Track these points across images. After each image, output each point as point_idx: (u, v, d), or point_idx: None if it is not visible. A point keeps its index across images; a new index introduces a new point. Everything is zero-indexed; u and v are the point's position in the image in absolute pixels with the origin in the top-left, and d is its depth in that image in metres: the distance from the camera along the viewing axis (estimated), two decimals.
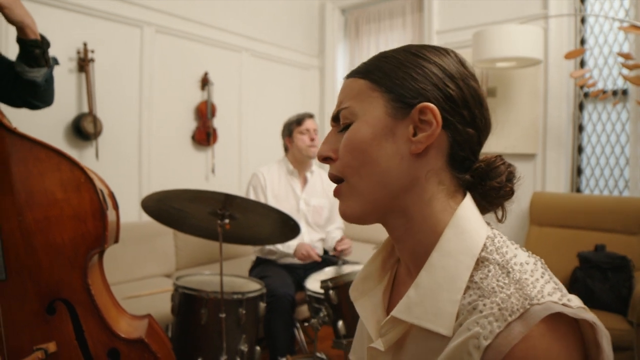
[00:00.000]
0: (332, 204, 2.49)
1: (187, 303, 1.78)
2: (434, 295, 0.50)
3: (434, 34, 3.36)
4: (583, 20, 2.90)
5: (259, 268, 2.29)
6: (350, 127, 0.56)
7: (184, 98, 3.06)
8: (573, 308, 0.43)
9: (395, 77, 0.55)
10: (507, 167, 0.56)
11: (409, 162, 0.54)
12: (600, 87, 2.80)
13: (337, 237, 2.44)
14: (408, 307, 0.51)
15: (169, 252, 2.81)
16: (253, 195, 2.35)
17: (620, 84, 2.76)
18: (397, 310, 0.52)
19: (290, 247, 2.23)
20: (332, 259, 2.30)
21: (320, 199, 2.45)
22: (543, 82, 2.93)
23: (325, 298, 1.66)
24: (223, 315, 1.66)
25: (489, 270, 0.49)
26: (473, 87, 0.56)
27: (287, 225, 1.77)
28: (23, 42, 1.27)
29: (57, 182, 1.13)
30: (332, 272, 2.10)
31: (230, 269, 2.45)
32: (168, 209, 1.74)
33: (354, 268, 2.12)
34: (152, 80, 2.85)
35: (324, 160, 0.60)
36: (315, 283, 1.89)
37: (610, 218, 2.50)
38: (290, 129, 2.35)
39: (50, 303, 1.13)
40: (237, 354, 1.76)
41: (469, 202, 0.55)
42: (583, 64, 2.88)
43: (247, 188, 2.42)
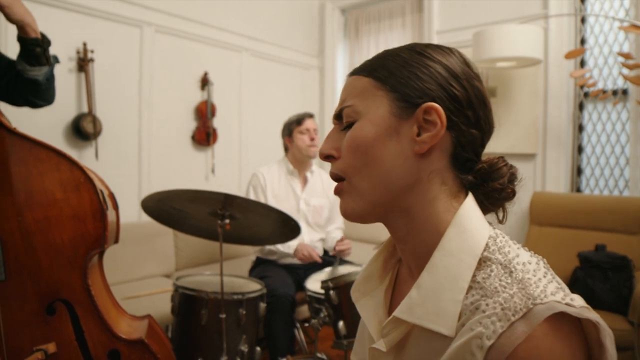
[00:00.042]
0: (332, 204, 2.49)
1: (187, 303, 1.78)
2: (436, 295, 0.50)
3: (434, 34, 3.36)
4: (583, 20, 2.90)
5: (259, 268, 2.29)
6: (354, 125, 0.56)
7: (184, 98, 3.06)
8: (576, 307, 0.43)
9: (400, 76, 0.54)
10: (509, 168, 0.56)
11: (413, 162, 0.53)
12: (600, 86, 2.80)
13: (337, 237, 2.44)
14: (410, 307, 0.51)
15: (169, 252, 2.81)
16: (253, 196, 2.35)
17: (620, 84, 2.76)
18: (399, 311, 0.52)
19: (291, 247, 2.22)
20: (332, 260, 2.30)
21: (321, 199, 2.45)
22: (543, 81, 2.93)
23: (326, 298, 1.66)
24: (223, 316, 1.66)
25: (492, 270, 0.49)
26: (477, 87, 0.56)
27: (287, 225, 1.77)
28: (24, 40, 1.26)
29: (56, 182, 1.13)
30: (332, 272, 2.10)
31: (230, 269, 2.45)
32: (168, 209, 1.74)
33: (352, 268, 2.12)
34: (151, 80, 2.84)
35: (326, 159, 0.59)
36: (316, 283, 1.89)
37: (611, 218, 2.50)
38: (290, 129, 2.35)
39: (50, 304, 1.12)
40: (237, 355, 1.75)
41: (471, 201, 0.54)
42: (583, 64, 2.88)
43: (247, 188, 2.42)
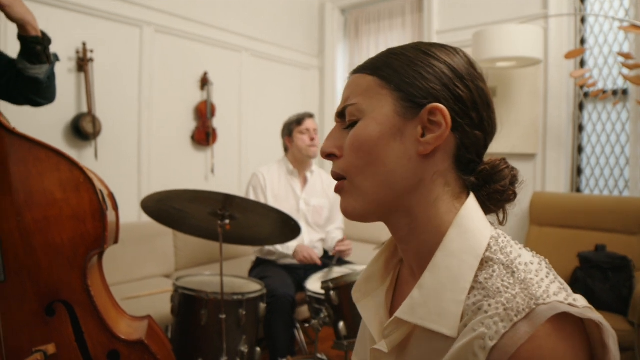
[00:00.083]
0: (332, 204, 2.49)
1: (187, 304, 1.78)
2: (438, 296, 0.49)
3: (434, 34, 3.36)
4: (583, 20, 2.90)
5: (259, 268, 2.29)
6: (357, 124, 0.55)
7: (184, 98, 3.05)
8: (579, 308, 0.43)
9: (406, 75, 0.54)
10: (510, 170, 0.56)
11: (416, 163, 0.53)
12: (600, 87, 2.80)
13: (337, 237, 2.43)
14: (412, 307, 0.51)
15: (169, 252, 2.80)
16: (253, 196, 2.34)
17: (620, 84, 2.76)
18: (400, 311, 0.52)
19: (290, 248, 2.22)
20: (331, 260, 2.29)
21: (321, 199, 2.45)
22: (543, 81, 2.93)
23: (326, 299, 1.66)
24: (223, 316, 1.65)
25: (494, 271, 0.48)
26: (482, 88, 0.55)
27: (287, 226, 1.77)
28: (24, 39, 1.26)
29: (56, 182, 1.13)
30: (328, 272, 2.10)
31: (230, 270, 2.44)
32: (168, 210, 1.74)
33: (349, 269, 2.12)
34: (151, 80, 2.84)
35: (327, 157, 0.58)
36: (316, 284, 1.88)
37: (611, 218, 2.50)
38: (290, 129, 2.35)
39: (50, 304, 1.12)
40: (237, 355, 1.75)
41: (473, 202, 0.54)
42: (583, 64, 2.88)
43: (246, 188, 2.41)
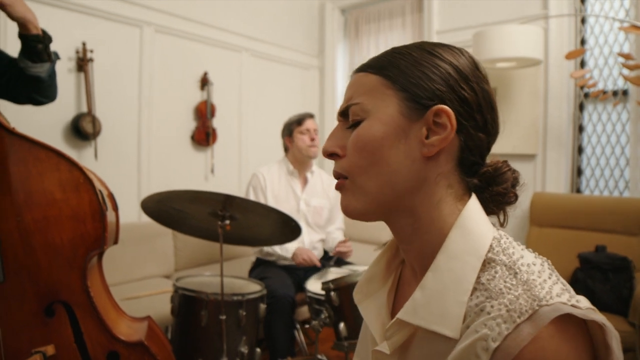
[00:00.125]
0: (332, 205, 2.48)
1: (187, 304, 1.77)
2: (440, 297, 0.49)
3: (434, 34, 3.36)
4: (583, 21, 2.90)
5: (259, 269, 2.28)
6: (361, 124, 0.54)
7: (184, 98, 3.05)
8: (582, 309, 0.43)
9: (411, 75, 0.53)
10: (512, 173, 0.56)
11: (420, 164, 0.53)
12: (601, 87, 2.79)
13: (338, 237, 2.43)
14: (414, 309, 0.51)
15: (168, 252, 2.80)
16: (253, 196, 2.34)
17: (621, 85, 2.76)
18: (402, 313, 0.52)
19: (289, 251, 2.21)
20: (329, 262, 2.29)
21: (321, 200, 2.44)
22: (543, 82, 2.93)
23: (327, 299, 1.66)
24: (223, 317, 1.65)
25: (496, 272, 0.48)
26: (486, 90, 0.55)
27: (287, 226, 1.76)
28: (25, 37, 1.26)
29: (55, 182, 1.12)
30: (332, 273, 2.09)
31: (230, 270, 2.44)
32: (168, 210, 1.73)
33: (347, 270, 2.12)
34: (151, 80, 2.84)
35: (329, 157, 0.58)
36: (316, 284, 1.88)
37: (611, 219, 2.49)
38: (291, 129, 2.34)
39: (49, 305, 1.12)
40: (237, 356, 1.75)
41: (475, 203, 0.54)
42: (583, 64, 2.88)
43: (246, 188, 2.41)
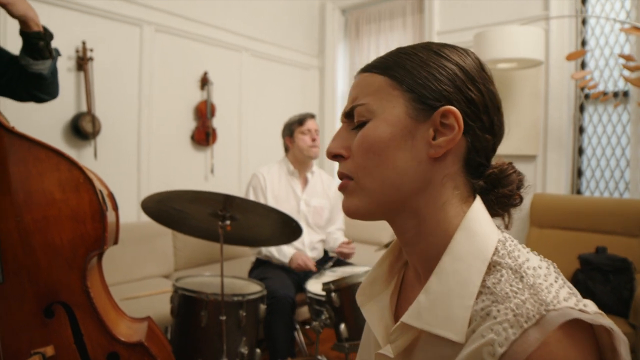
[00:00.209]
0: (332, 205, 2.48)
1: (186, 305, 1.77)
2: (445, 301, 0.49)
3: (435, 35, 3.36)
4: (584, 22, 2.89)
5: (259, 269, 2.28)
6: (367, 125, 0.54)
7: (184, 98, 3.04)
8: (590, 314, 0.42)
9: (418, 76, 0.53)
10: (517, 175, 0.55)
11: (426, 165, 0.52)
12: (601, 88, 2.79)
13: (339, 238, 2.43)
14: (418, 312, 0.50)
15: (168, 252, 2.79)
16: (252, 196, 2.33)
17: (621, 86, 2.75)
18: (407, 316, 0.51)
19: (287, 256, 2.20)
20: (325, 265, 2.28)
21: (321, 200, 2.44)
22: (544, 83, 2.92)
23: (327, 300, 1.65)
24: (223, 318, 1.64)
25: (502, 275, 0.48)
26: (492, 91, 0.55)
27: (288, 227, 1.76)
28: (26, 35, 1.26)
29: (55, 182, 1.12)
30: (333, 274, 2.09)
31: (230, 270, 2.43)
32: (168, 210, 1.73)
33: (345, 270, 2.11)
34: (151, 80, 2.83)
35: (334, 158, 0.57)
36: (317, 285, 1.88)
37: (611, 220, 2.49)
38: (292, 129, 2.33)
39: (49, 306, 1.11)
40: (237, 357, 1.74)
41: (479, 205, 0.54)
42: (584, 66, 2.88)
43: (246, 188, 2.40)
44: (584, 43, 2.89)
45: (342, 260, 2.36)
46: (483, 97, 0.53)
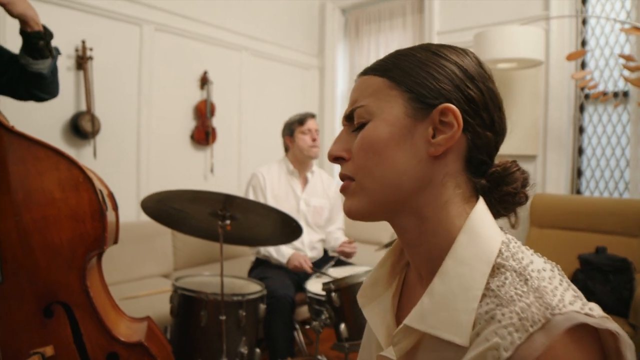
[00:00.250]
0: (332, 205, 2.48)
1: (186, 305, 1.76)
2: (449, 304, 0.48)
3: (435, 35, 3.35)
4: (584, 22, 2.89)
5: (259, 269, 2.27)
6: (367, 126, 0.54)
7: (183, 97, 3.04)
8: (596, 318, 0.42)
9: (416, 76, 0.53)
10: (522, 173, 0.55)
11: (426, 164, 0.52)
12: (601, 88, 2.79)
13: (340, 237, 2.42)
14: (422, 315, 0.50)
15: (167, 252, 2.79)
16: (252, 196, 2.33)
17: (621, 86, 2.75)
18: (410, 319, 0.51)
19: (285, 256, 2.20)
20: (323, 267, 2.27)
21: (321, 199, 2.43)
22: (544, 83, 2.92)
23: (327, 300, 1.65)
24: (223, 317, 1.64)
25: (506, 278, 0.47)
26: (492, 89, 0.55)
27: (288, 227, 1.75)
28: (26, 34, 1.25)
29: (55, 181, 1.11)
30: (333, 274, 2.08)
31: (229, 270, 2.43)
32: (168, 210, 1.72)
33: (347, 270, 2.11)
34: (151, 79, 2.82)
35: (335, 160, 0.57)
36: (317, 285, 1.87)
37: (611, 220, 2.49)
38: (292, 129, 2.33)
39: (48, 305, 1.11)
40: (237, 356, 1.74)
41: (483, 206, 0.53)
42: (584, 66, 2.88)
43: (246, 188, 2.40)
44: (584, 43, 2.89)
45: (343, 262, 2.35)
46: (482, 94, 0.53)
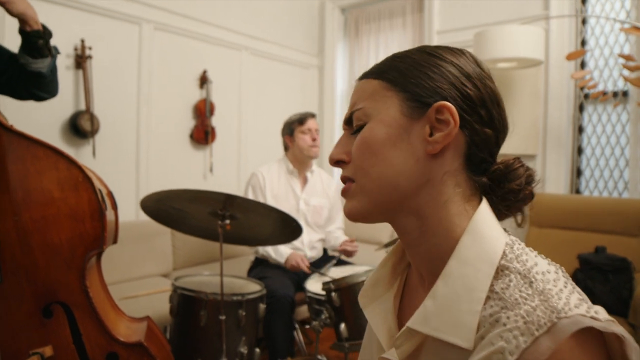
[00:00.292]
0: (332, 204, 2.47)
1: (186, 304, 1.76)
2: (453, 306, 0.48)
3: (435, 34, 3.35)
4: (584, 22, 2.89)
5: (258, 269, 2.27)
6: (364, 127, 0.55)
7: (183, 96, 3.03)
8: (602, 321, 0.42)
9: (411, 76, 0.53)
10: (525, 169, 0.54)
11: (425, 163, 0.52)
12: (601, 88, 2.79)
13: (340, 236, 2.42)
14: (425, 317, 0.49)
15: (167, 251, 2.78)
16: (252, 195, 2.32)
17: (621, 86, 2.75)
18: (413, 321, 0.50)
19: (283, 255, 2.19)
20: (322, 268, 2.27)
21: (320, 199, 2.43)
22: (544, 83, 2.92)
23: (327, 300, 1.65)
24: (223, 317, 1.64)
25: (510, 280, 0.47)
26: (490, 87, 0.54)
27: (288, 226, 1.75)
28: (26, 33, 1.25)
29: (54, 180, 1.11)
30: (326, 272, 2.08)
31: (228, 269, 2.42)
32: (167, 209, 1.72)
33: (349, 270, 2.11)
34: (150, 78, 2.81)
35: (336, 164, 0.58)
36: (316, 284, 1.87)
37: (610, 220, 2.49)
38: (292, 128, 2.32)
39: (47, 306, 1.10)
40: (236, 356, 1.73)
41: (486, 207, 0.53)
42: (584, 65, 2.88)
43: (245, 187, 2.39)
44: (584, 43, 2.89)
45: (342, 261, 2.35)
46: (479, 91, 0.53)
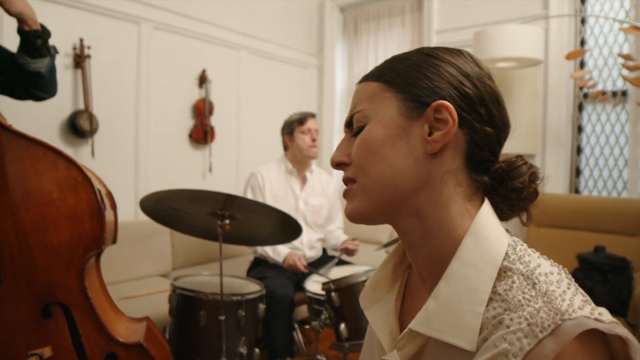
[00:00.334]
0: (331, 204, 2.47)
1: (185, 304, 1.75)
2: (455, 307, 0.48)
3: (434, 34, 3.34)
4: (583, 21, 2.89)
5: (258, 269, 2.27)
6: (364, 129, 0.55)
7: (182, 96, 3.02)
8: (606, 323, 0.42)
9: (409, 77, 0.53)
10: (529, 167, 0.54)
11: (424, 162, 0.52)
12: (600, 88, 2.79)
13: (340, 236, 2.42)
14: (427, 319, 0.49)
15: (166, 251, 2.78)
16: (251, 195, 2.32)
17: (620, 85, 2.76)
18: (415, 323, 0.50)
19: (281, 255, 2.19)
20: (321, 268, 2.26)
21: (320, 199, 2.42)
22: (543, 82, 2.92)
23: (327, 300, 1.64)
24: (223, 317, 1.63)
25: (513, 281, 0.47)
26: (489, 85, 0.54)
27: (288, 226, 1.74)
28: (24, 33, 1.24)
29: (53, 181, 1.10)
30: (326, 271, 2.08)
31: (228, 269, 2.41)
32: (166, 209, 1.71)
33: (351, 270, 2.10)
34: (149, 78, 2.81)
35: (337, 167, 0.58)
36: (316, 284, 1.87)
37: (609, 219, 2.49)
38: (292, 128, 2.31)
39: (46, 306, 1.10)
40: (236, 356, 1.73)
41: (488, 207, 0.53)
42: (583, 65, 2.88)
43: (244, 187, 2.39)
44: (583, 42, 2.89)
45: (342, 261, 2.35)
46: (478, 90, 0.53)
